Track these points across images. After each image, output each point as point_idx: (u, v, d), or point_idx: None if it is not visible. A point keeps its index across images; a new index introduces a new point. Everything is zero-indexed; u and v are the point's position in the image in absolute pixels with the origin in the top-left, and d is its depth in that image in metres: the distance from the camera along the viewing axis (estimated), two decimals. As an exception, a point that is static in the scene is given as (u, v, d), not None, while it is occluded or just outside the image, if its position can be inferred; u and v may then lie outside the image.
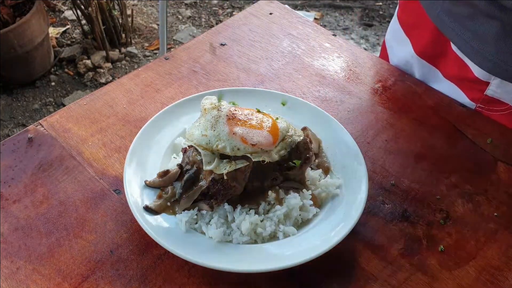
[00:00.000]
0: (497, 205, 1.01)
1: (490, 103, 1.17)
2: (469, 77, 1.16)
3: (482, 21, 1.03)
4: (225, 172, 0.88)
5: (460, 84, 1.22)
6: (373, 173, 1.06)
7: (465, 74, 1.17)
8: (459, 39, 1.10)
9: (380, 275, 0.89)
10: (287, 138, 0.94)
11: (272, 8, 1.51)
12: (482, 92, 1.17)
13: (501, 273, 0.90)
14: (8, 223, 0.94)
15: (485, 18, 1.03)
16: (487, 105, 1.18)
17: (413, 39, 1.29)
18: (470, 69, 1.15)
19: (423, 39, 1.26)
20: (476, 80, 1.15)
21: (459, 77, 1.20)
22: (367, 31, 3.71)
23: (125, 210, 0.96)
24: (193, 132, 0.93)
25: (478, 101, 1.19)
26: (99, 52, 3.27)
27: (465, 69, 1.16)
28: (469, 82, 1.18)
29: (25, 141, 1.09)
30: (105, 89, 1.22)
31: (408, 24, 1.31)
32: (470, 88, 1.19)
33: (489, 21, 1.02)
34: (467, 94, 1.21)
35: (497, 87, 1.13)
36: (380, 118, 1.19)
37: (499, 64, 1.05)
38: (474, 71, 1.15)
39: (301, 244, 0.88)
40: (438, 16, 1.13)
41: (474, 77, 1.15)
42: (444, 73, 1.25)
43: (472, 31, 1.06)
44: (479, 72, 1.14)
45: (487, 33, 1.03)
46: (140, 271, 0.88)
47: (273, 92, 1.15)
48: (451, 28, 1.11)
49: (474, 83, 1.16)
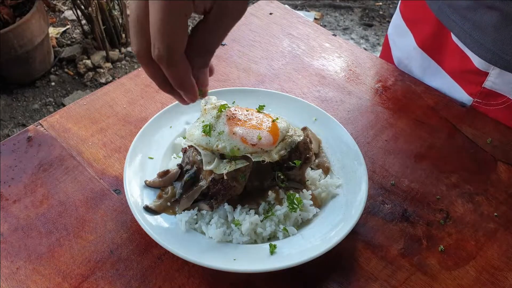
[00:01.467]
0: (497, 205, 1.01)
1: (488, 97, 1.19)
2: (469, 68, 1.18)
3: (483, 12, 1.05)
4: (225, 172, 0.88)
5: (458, 78, 1.23)
6: (373, 173, 1.06)
7: (465, 66, 1.19)
8: (459, 29, 1.12)
9: (380, 275, 0.89)
10: (287, 138, 0.94)
11: (272, 8, 1.51)
12: (480, 85, 1.18)
13: (501, 273, 0.90)
14: (8, 223, 0.94)
15: (485, 8, 1.05)
16: (484, 99, 1.19)
17: (415, 31, 1.31)
18: (470, 60, 1.17)
19: (425, 32, 1.28)
20: (475, 71, 1.17)
21: (459, 69, 1.21)
22: (367, 31, 3.71)
23: (125, 210, 0.96)
24: (193, 132, 0.93)
25: (475, 95, 1.20)
26: (99, 52, 3.27)
27: (465, 60, 1.18)
28: (468, 74, 1.19)
29: (25, 141, 1.09)
30: (105, 89, 1.23)
31: (410, 17, 1.33)
32: (469, 82, 1.21)
33: (489, 11, 1.04)
34: (465, 89, 1.22)
35: (496, 77, 1.14)
36: (380, 118, 1.19)
37: (498, 53, 1.06)
38: (474, 62, 1.16)
39: (301, 244, 0.88)
40: (439, 8, 1.16)
41: (474, 68, 1.17)
42: (444, 66, 1.26)
43: (472, 22, 1.08)
44: (479, 63, 1.15)
45: (487, 23, 1.05)
46: (140, 271, 0.88)
47: (273, 92, 1.15)
48: (452, 19, 1.13)
49: (473, 74, 1.18)
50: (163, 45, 0.63)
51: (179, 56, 0.65)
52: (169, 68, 0.66)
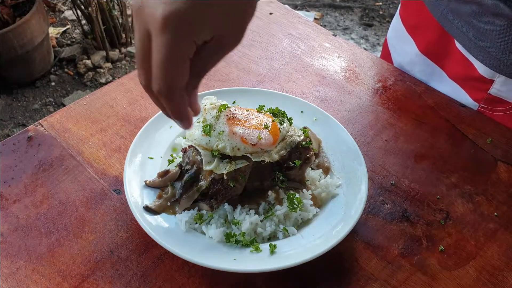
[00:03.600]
0: (497, 205, 1.01)
1: (493, 103, 1.17)
2: (474, 75, 1.16)
3: (488, 19, 1.03)
4: (225, 172, 0.88)
5: (463, 84, 1.21)
6: (373, 173, 1.06)
7: (469, 73, 1.17)
8: (463, 37, 1.10)
9: (380, 275, 0.89)
10: (287, 138, 0.94)
11: (272, 8, 1.51)
12: (485, 92, 1.16)
13: (501, 273, 0.90)
14: (8, 223, 0.94)
15: (490, 15, 1.03)
16: (490, 105, 1.18)
17: (417, 38, 1.29)
18: (475, 67, 1.15)
19: (427, 38, 1.26)
20: (480, 79, 1.15)
21: (463, 76, 1.20)
22: (367, 31, 3.71)
23: (125, 210, 0.96)
24: (193, 132, 0.93)
25: (481, 101, 1.19)
26: (99, 52, 3.27)
27: (470, 67, 1.16)
28: (473, 81, 1.18)
29: (25, 141, 1.09)
30: (105, 89, 1.23)
31: (410, 23, 1.31)
32: (474, 88, 1.19)
33: (495, 18, 1.02)
34: (470, 94, 1.21)
35: (501, 85, 1.13)
36: (380, 118, 1.19)
37: (504, 61, 1.05)
38: (478, 69, 1.14)
39: (301, 244, 0.88)
40: (442, 14, 1.13)
41: (478, 76, 1.15)
42: (448, 73, 1.24)
43: (477, 29, 1.06)
44: (483, 70, 1.13)
45: (493, 31, 1.03)
46: (140, 271, 0.88)
47: (273, 92, 1.15)
48: (456, 26, 1.11)
49: (478, 81, 1.16)
50: (163, 82, 0.64)
51: (178, 93, 0.67)
52: (167, 102, 0.68)
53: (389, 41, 1.43)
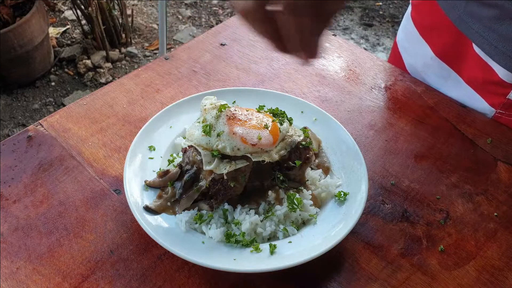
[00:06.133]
0: (497, 205, 1.01)
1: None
2: (493, 79, 1.14)
3: (510, 23, 1.01)
4: (225, 172, 0.88)
5: (480, 89, 1.19)
6: (373, 173, 1.06)
7: (488, 77, 1.15)
8: (483, 41, 1.08)
9: (380, 275, 0.89)
10: (287, 138, 0.94)
11: (272, 8, 1.50)
12: (504, 96, 1.14)
13: (501, 273, 0.90)
14: (8, 223, 0.94)
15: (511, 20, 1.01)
16: (508, 109, 1.16)
17: (431, 41, 1.26)
18: (494, 71, 1.13)
19: (442, 41, 1.23)
20: (500, 83, 1.13)
21: (482, 80, 1.17)
22: (367, 31, 3.71)
23: (125, 210, 0.96)
24: (193, 132, 0.93)
25: (498, 106, 1.17)
26: (99, 52, 3.27)
27: (489, 71, 1.14)
28: (492, 86, 1.15)
29: (25, 141, 1.09)
30: (105, 89, 1.23)
31: (423, 25, 1.27)
32: (491, 93, 1.17)
33: None
34: (487, 99, 1.18)
35: None
36: (380, 118, 1.19)
37: None
38: (498, 73, 1.12)
39: (301, 244, 0.88)
40: (460, 17, 1.11)
41: (498, 80, 1.13)
42: (464, 77, 1.22)
43: (498, 33, 1.04)
44: (504, 74, 1.11)
45: None
46: (140, 271, 0.88)
47: (273, 92, 1.15)
48: (474, 30, 1.08)
49: (497, 86, 1.14)
50: None
51: None
52: None
53: (400, 43, 1.39)
